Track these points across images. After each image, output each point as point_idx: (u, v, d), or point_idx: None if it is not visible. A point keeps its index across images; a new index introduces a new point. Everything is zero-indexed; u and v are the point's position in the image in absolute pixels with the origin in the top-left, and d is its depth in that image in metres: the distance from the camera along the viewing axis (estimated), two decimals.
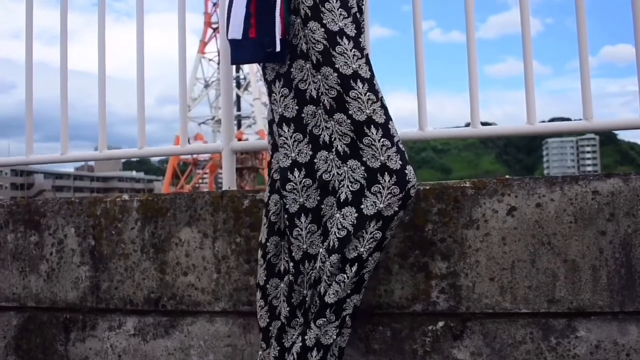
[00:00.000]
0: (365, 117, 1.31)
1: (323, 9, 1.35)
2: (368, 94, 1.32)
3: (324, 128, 1.37)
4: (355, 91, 1.31)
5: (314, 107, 1.38)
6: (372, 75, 1.35)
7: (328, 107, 1.34)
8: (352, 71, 1.32)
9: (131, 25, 2.19)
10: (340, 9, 1.36)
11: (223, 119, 1.91)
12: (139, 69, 2.05)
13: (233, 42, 1.41)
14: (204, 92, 51.75)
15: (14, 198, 2.21)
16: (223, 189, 1.90)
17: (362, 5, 1.60)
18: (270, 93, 1.45)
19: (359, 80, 1.32)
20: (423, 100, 1.78)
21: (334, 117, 1.34)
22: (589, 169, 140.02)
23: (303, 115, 1.40)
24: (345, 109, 1.32)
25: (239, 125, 50.06)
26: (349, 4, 1.39)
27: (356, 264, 1.32)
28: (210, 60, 52.00)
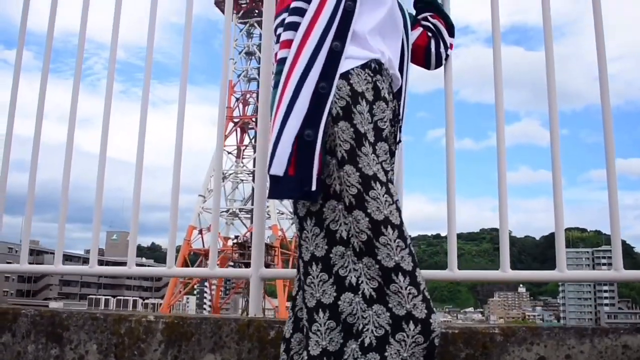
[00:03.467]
0: (394, 264, 1.32)
1: (359, 152, 1.39)
2: (397, 240, 1.34)
3: (352, 270, 1.38)
4: (385, 237, 1.33)
5: (343, 248, 1.40)
6: (402, 222, 1.37)
7: (357, 250, 1.36)
8: (383, 217, 1.35)
9: (155, 113, 2.25)
10: (373, 155, 1.41)
11: (253, 248, 1.95)
12: (172, 217, 2.11)
13: (273, 178, 1.44)
14: (221, 185, 52.44)
15: (35, 308, 2.22)
16: (249, 316, 1.90)
17: (395, 149, 1.65)
18: (301, 229, 1.46)
19: (389, 226, 1.34)
20: (453, 246, 1.82)
21: (362, 260, 1.35)
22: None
23: (331, 255, 1.40)
24: (374, 254, 1.33)
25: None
26: (377, 151, 1.45)
27: None
28: (229, 153, 53.04)
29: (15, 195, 2.65)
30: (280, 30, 1.55)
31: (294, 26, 1.50)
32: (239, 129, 53.52)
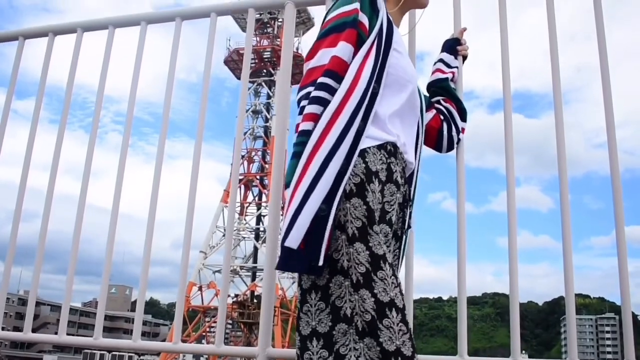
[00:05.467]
0: (395, 348, 1.31)
1: (371, 231, 1.40)
2: (400, 324, 1.33)
3: (352, 349, 1.36)
4: (389, 320, 1.32)
5: (346, 326, 1.38)
6: (404, 306, 1.37)
7: (360, 329, 1.35)
8: (389, 299, 1.34)
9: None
10: (381, 234, 1.42)
11: (261, 327, 1.93)
12: (181, 290, 2.11)
13: (286, 250, 1.42)
14: (222, 241, 52.25)
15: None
16: None
17: (402, 233, 1.65)
18: (303, 302, 1.45)
19: (394, 309, 1.34)
20: (464, 332, 1.81)
21: (364, 340, 1.34)
22: (609, 349, 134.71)
23: (334, 332, 1.39)
24: (376, 336, 1.32)
25: (254, 277, 50.01)
26: (386, 231, 1.46)
27: None
28: None
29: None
30: (304, 102, 1.55)
31: (320, 101, 1.51)
32: (242, 186, 53.77)
